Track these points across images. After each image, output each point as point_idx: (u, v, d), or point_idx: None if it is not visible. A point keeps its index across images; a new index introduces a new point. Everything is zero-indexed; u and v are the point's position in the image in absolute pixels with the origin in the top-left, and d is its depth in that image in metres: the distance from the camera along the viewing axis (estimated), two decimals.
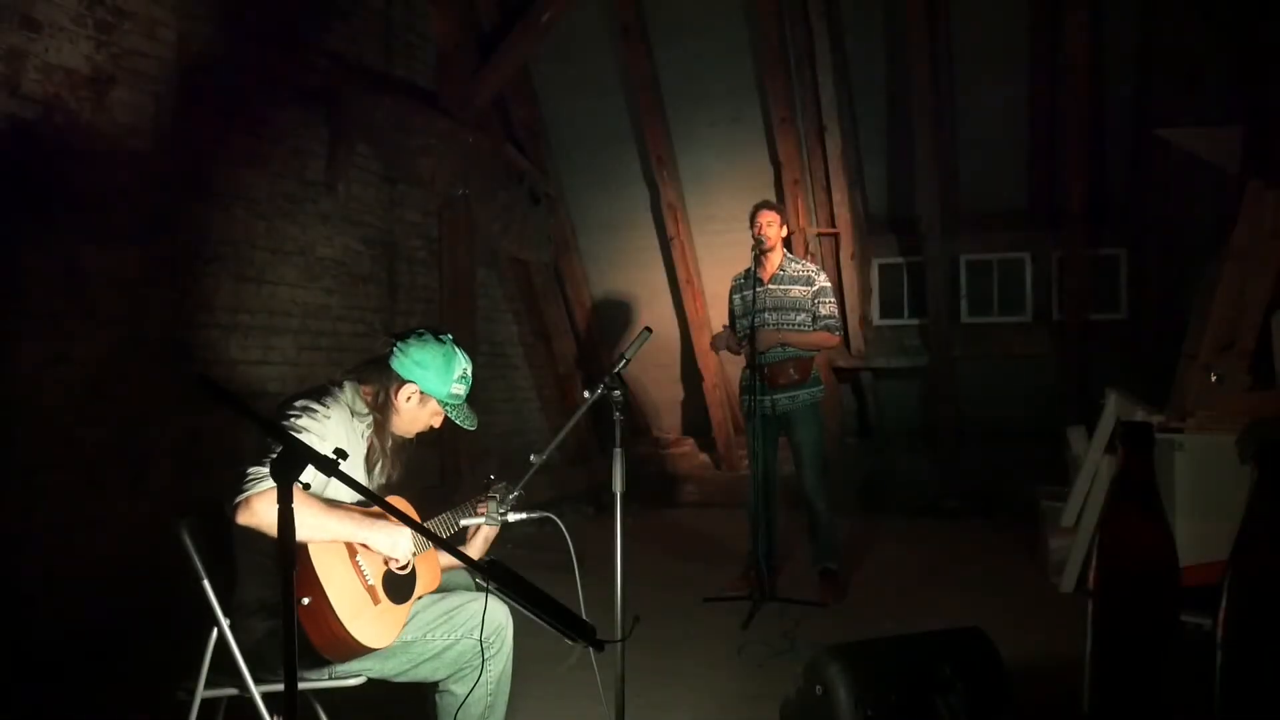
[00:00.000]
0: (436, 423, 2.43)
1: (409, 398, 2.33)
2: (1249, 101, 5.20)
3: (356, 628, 2.04)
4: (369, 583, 2.13)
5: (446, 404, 2.37)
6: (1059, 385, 7.05)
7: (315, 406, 2.20)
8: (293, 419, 2.15)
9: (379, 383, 2.33)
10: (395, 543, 2.14)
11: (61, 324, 3.63)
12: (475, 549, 2.45)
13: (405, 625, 2.19)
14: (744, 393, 4.59)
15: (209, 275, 4.39)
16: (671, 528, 6.79)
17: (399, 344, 2.35)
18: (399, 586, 2.21)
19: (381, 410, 2.31)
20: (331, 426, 2.20)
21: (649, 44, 6.68)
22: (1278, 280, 4.23)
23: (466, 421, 2.43)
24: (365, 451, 2.32)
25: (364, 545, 2.14)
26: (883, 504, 7.13)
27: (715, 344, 4.83)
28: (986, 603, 4.39)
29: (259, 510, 1.99)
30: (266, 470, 2.01)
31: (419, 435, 2.45)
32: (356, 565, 2.13)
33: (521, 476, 2.49)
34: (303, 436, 2.09)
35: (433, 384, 2.33)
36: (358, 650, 2.08)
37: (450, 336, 2.41)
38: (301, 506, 1.91)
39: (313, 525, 2.02)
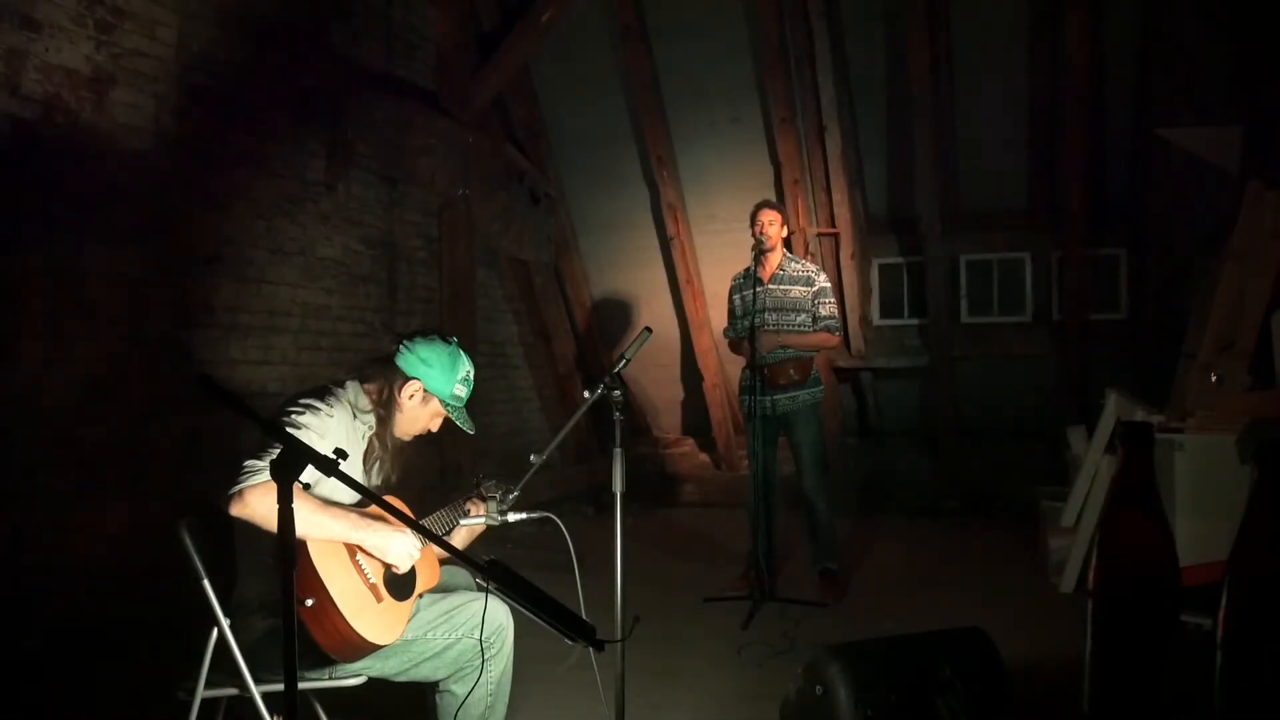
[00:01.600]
0: (435, 426, 2.43)
1: (412, 395, 2.34)
2: (1249, 101, 5.20)
3: (361, 625, 2.04)
4: (370, 581, 2.14)
5: (448, 404, 2.37)
6: (1059, 385, 7.05)
7: (317, 404, 2.20)
8: (294, 416, 2.15)
9: (383, 380, 2.33)
10: (390, 546, 2.13)
11: (61, 324, 3.63)
12: (458, 542, 2.45)
13: (408, 622, 2.19)
14: (744, 393, 4.59)
15: (209, 275, 4.39)
16: (671, 528, 6.79)
17: (405, 342, 2.37)
18: (400, 584, 2.21)
19: (385, 407, 2.31)
20: (333, 425, 2.20)
21: (649, 44, 6.68)
22: (1278, 280, 4.23)
23: (467, 424, 2.43)
24: (365, 450, 2.32)
25: (359, 546, 2.14)
26: (883, 504, 7.13)
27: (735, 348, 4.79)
28: (986, 603, 4.39)
29: (252, 503, 1.99)
30: (263, 464, 2.01)
31: (417, 438, 2.44)
32: (357, 564, 2.13)
33: (521, 476, 2.49)
34: (302, 433, 2.09)
35: (437, 383, 2.34)
36: (365, 648, 2.08)
37: (456, 339, 2.42)
38: (299, 503, 1.91)
39: (309, 522, 2.02)
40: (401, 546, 2.15)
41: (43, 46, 3.55)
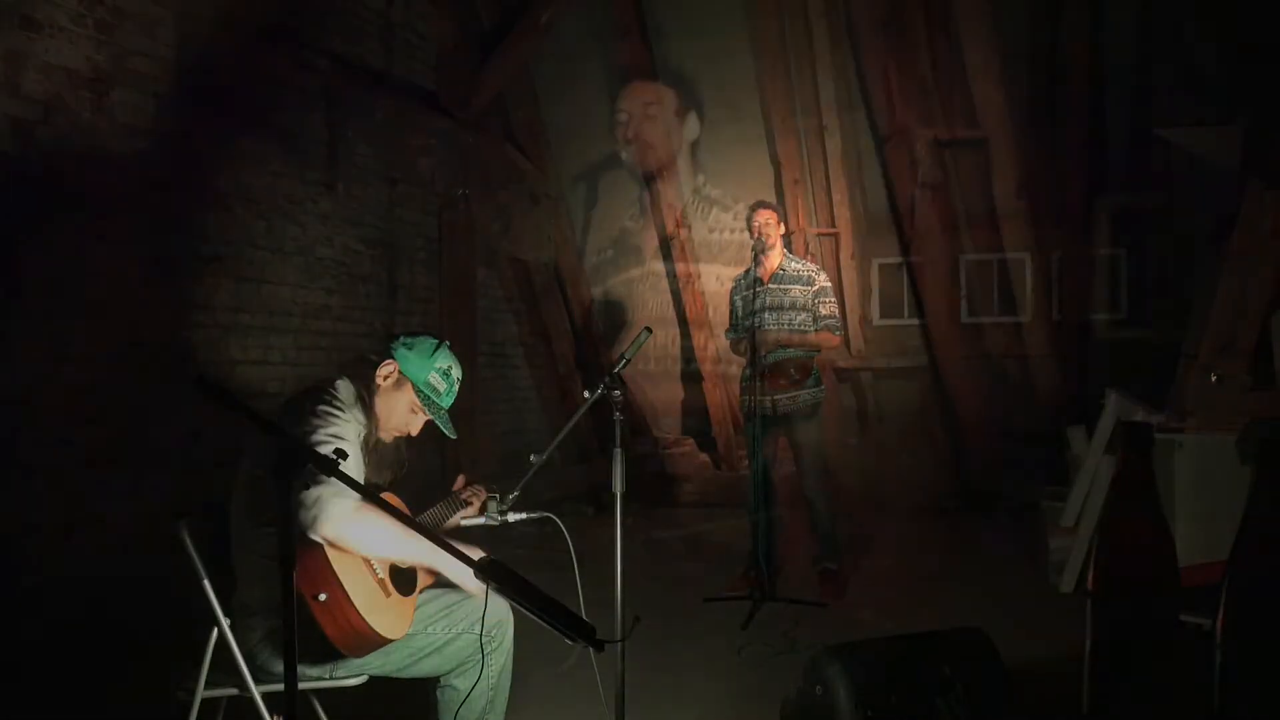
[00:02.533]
0: (414, 428, 2.39)
1: (387, 375, 2.32)
2: (1249, 101, 5.20)
3: (375, 620, 2.05)
4: (379, 576, 2.15)
5: (420, 391, 2.33)
6: (1059, 385, 7.05)
7: (334, 413, 2.18)
8: (319, 434, 2.11)
9: (369, 369, 2.33)
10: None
11: (61, 324, 3.63)
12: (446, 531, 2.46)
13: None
14: (744, 393, 4.58)
15: (209, 275, 4.39)
16: (671, 528, 6.78)
17: (397, 336, 2.40)
18: (403, 579, 2.23)
19: (368, 391, 2.31)
20: (349, 431, 2.19)
21: (649, 44, 6.69)
22: (1278, 280, 4.23)
23: (444, 424, 2.39)
24: (361, 448, 2.31)
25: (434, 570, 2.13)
26: (883, 504, 7.13)
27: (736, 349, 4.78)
28: (986, 603, 4.39)
29: (341, 532, 2.00)
30: (329, 490, 2.00)
31: (410, 441, 2.41)
32: (366, 560, 2.13)
33: (521, 476, 2.49)
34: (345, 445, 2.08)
35: (412, 366, 2.33)
36: (376, 642, 2.09)
37: (449, 343, 2.42)
38: (388, 524, 2.00)
39: (397, 544, 2.07)
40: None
41: (43, 46, 3.55)
